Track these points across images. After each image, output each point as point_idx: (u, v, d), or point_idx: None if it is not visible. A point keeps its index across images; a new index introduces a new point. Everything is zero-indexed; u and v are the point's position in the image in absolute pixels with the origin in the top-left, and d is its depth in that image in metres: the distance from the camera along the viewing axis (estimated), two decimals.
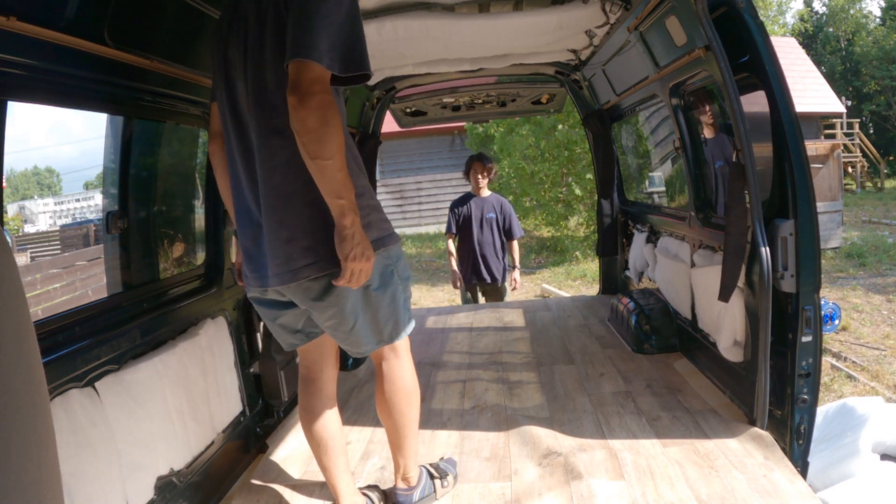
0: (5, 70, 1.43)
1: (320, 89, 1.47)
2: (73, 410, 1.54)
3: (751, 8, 2.23)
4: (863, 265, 9.36)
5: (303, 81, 1.47)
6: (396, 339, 1.87)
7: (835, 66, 30.43)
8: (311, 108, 1.46)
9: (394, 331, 1.86)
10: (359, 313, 1.77)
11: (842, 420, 3.34)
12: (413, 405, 1.96)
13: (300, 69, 1.48)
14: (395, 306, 1.83)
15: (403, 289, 1.86)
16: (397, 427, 1.95)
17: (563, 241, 12.29)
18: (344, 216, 1.55)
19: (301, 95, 1.46)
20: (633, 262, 4.28)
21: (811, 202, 2.16)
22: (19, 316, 0.65)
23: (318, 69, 1.48)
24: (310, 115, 1.46)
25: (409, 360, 1.96)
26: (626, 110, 4.32)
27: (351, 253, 1.56)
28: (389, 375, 1.92)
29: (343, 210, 1.54)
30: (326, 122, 1.47)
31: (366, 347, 1.85)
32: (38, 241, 19.76)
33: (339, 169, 1.51)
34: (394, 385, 1.92)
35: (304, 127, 1.47)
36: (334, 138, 1.49)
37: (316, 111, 1.46)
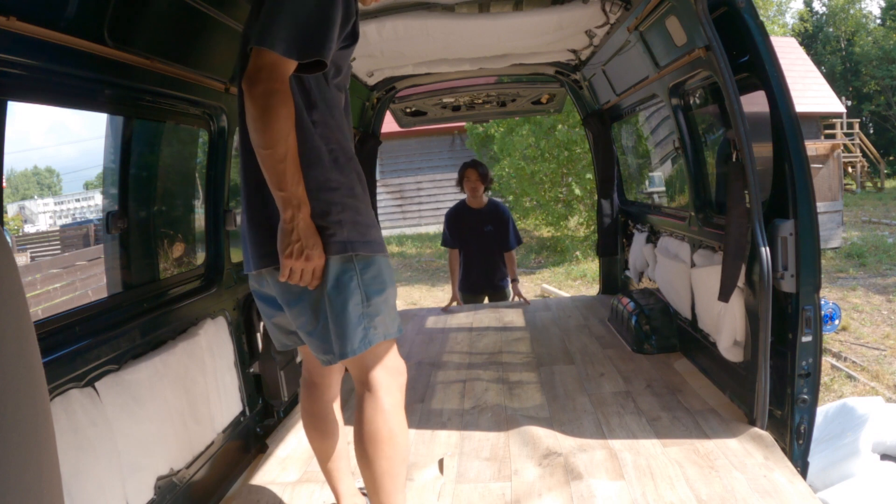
0: (5, 70, 1.43)
1: (266, 77, 1.44)
2: (73, 410, 1.54)
3: (751, 8, 2.23)
4: (863, 265, 9.36)
5: (252, 68, 1.45)
6: (345, 357, 1.61)
7: (835, 66, 30.44)
8: (253, 97, 1.44)
9: (341, 346, 1.60)
10: (318, 316, 1.61)
11: (842, 420, 3.34)
12: (386, 456, 1.64)
13: (254, 56, 1.46)
14: (344, 319, 1.59)
15: (363, 302, 1.60)
16: (370, 480, 1.67)
17: (563, 241, 12.30)
18: (284, 209, 1.50)
19: (248, 83, 1.45)
20: (633, 262, 4.28)
21: (811, 202, 2.16)
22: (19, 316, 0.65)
23: (269, 57, 1.45)
24: (252, 103, 1.45)
25: (388, 401, 1.65)
26: (626, 110, 4.32)
27: (288, 249, 1.50)
28: (359, 416, 1.66)
29: (283, 202, 1.49)
30: (268, 110, 1.44)
31: (323, 357, 1.65)
32: (38, 241, 19.76)
33: (279, 160, 1.46)
34: (362, 429, 1.64)
35: (249, 115, 1.47)
36: (276, 127, 1.45)
37: (259, 100, 1.44)
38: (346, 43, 1.63)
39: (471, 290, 5.06)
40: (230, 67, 2.43)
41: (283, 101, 1.46)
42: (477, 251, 4.87)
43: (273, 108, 1.44)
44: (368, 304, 1.61)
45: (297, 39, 1.47)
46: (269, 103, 1.44)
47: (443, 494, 2.13)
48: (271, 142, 1.45)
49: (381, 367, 1.67)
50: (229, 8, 2.25)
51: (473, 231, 4.81)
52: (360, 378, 1.69)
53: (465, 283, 5.03)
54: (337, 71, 1.65)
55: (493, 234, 4.81)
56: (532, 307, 4.83)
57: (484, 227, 4.80)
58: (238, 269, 2.67)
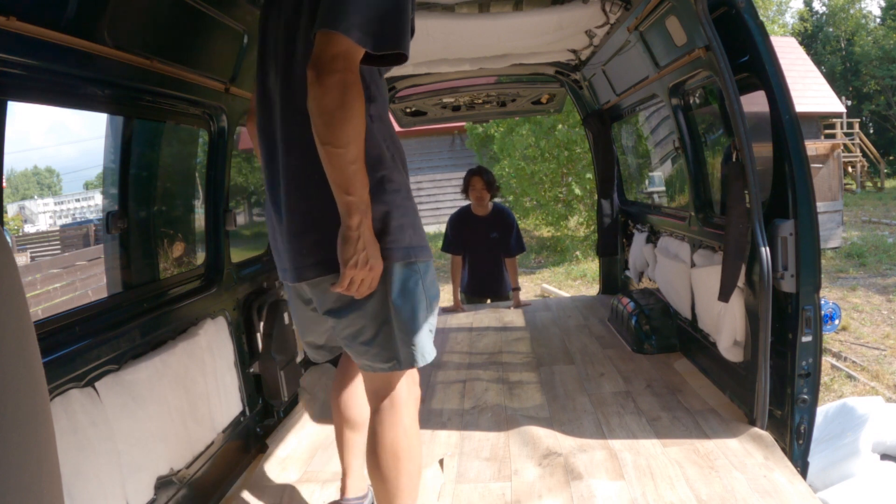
0: (5, 70, 1.43)
1: (343, 66, 1.30)
2: (73, 410, 1.54)
3: (751, 8, 2.23)
4: (863, 265, 9.36)
5: (324, 55, 1.31)
6: (413, 365, 1.58)
7: (835, 66, 30.43)
8: (327, 87, 1.30)
9: (409, 354, 1.56)
10: (380, 324, 1.53)
11: (842, 420, 3.34)
12: (406, 473, 1.60)
13: (324, 41, 1.31)
14: (416, 324, 1.56)
15: (428, 308, 1.58)
16: (385, 495, 1.62)
17: (563, 241, 12.30)
18: (350, 215, 1.37)
19: (319, 71, 1.30)
20: (633, 262, 4.28)
21: (811, 202, 2.16)
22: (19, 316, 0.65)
23: (344, 43, 1.31)
24: (326, 94, 1.30)
25: (407, 415, 1.62)
26: (625, 110, 4.32)
27: (353, 258, 1.38)
28: (376, 430, 1.61)
29: (350, 208, 1.37)
30: (344, 104, 1.31)
31: (379, 366, 1.58)
32: (38, 241, 19.76)
33: (351, 160, 1.34)
34: (379, 443, 1.60)
35: (317, 107, 1.32)
36: (351, 124, 1.32)
37: (333, 91, 1.30)
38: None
39: (475, 293, 5.05)
40: (230, 67, 2.43)
41: (359, 96, 1.34)
42: (482, 258, 4.81)
43: (349, 102, 1.31)
44: (430, 308, 1.58)
45: (374, 27, 1.33)
46: (346, 97, 1.31)
47: (443, 494, 2.13)
48: (345, 140, 1.33)
49: (404, 380, 1.62)
50: (229, 8, 2.25)
51: (479, 238, 4.71)
52: (382, 390, 1.61)
53: (469, 287, 5.00)
54: None
55: (498, 240, 4.72)
56: (532, 307, 4.83)
57: (490, 235, 4.72)
58: (238, 269, 2.67)
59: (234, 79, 2.45)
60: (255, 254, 3.12)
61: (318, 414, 2.91)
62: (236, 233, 2.71)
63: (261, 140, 1.64)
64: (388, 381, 1.61)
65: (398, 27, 1.37)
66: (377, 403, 1.63)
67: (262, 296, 2.77)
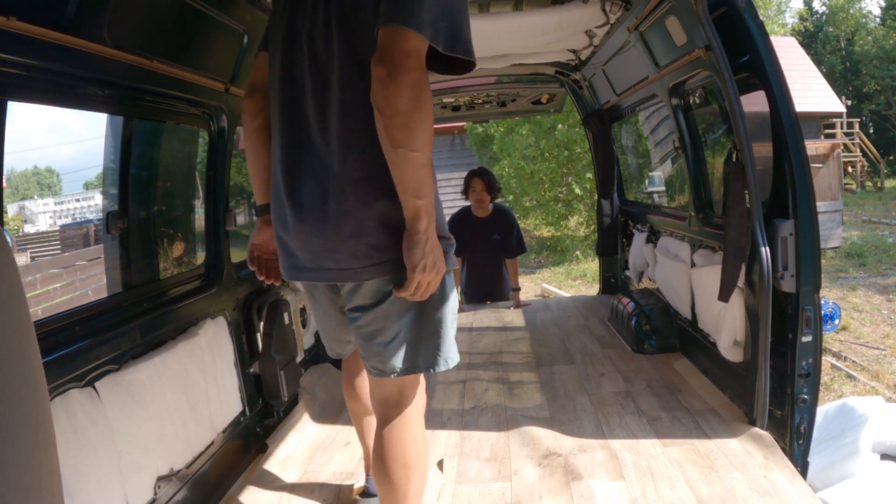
0: (5, 70, 1.43)
1: (416, 65, 1.24)
2: (73, 410, 1.54)
3: (751, 8, 2.24)
4: (863, 265, 9.36)
5: (396, 52, 1.24)
6: (434, 369, 1.55)
7: (835, 66, 30.44)
8: (402, 87, 1.23)
9: (431, 358, 1.54)
10: (404, 326, 1.50)
11: (842, 420, 3.34)
12: (415, 480, 1.59)
13: (394, 37, 1.25)
14: (444, 330, 1.54)
15: (453, 313, 1.57)
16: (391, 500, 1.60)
17: (563, 240, 12.31)
18: (419, 219, 1.33)
19: (392, 69, 1.23)
20: (633, 262, 4.28)
21: (811, 202, 2.16)
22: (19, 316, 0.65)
23: (416, 40, 1.24)
24: (401, 94, 1.23)
25: (417, 424, 1.61)
26: (626, 110, 4.32)
27: (421, 262, 1.34)
28: (386, 440, 1.57)
29: (419, 212, 1.33)
30: (419, 105, 1.25)
31: (396, 367, 1.53)
32: (38, 241, 19.77)
33: (423, 163, 1.30)
34: (390, 453, 1.56)
35: (391, 108, 1.25)
36: (425, 126, 1.27)
37: (408, 90, 1.23)
38: None
39: (474, 296, 5.04)
40: (230, 67, 2.43)
41: (430, 96, 1.28)
42: (483, 260, 4.79)
43: (424, 103, 1.26)
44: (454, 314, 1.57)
45: (444, 28, 1.27)
46: (421, 98, 1.25)
47: (443, 494, 2.13)
48: (421, 143, 1.28)
49: (414, 388, 1.60)
50: (229, 8, 2.25)
51: (480, 240, 4.68)
52: (393, 398, 1.58)
53: (469, 290, 4.98)
54: None
55: (499, 242, 4.70)
56: (532, 307, 4.82)
57: (491, 236, 4.69)
58: (238, 269, 2.67)
59: (234, 79, 2.45)
60: None
61: (318, 414, 2.91)
62: (236, 233, 2.71)
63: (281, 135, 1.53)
64: (399, 389, 1.58)
65: (468, 31, 1.32)
66: (386, 412, 1.59)
67: (262, 296, 2.77)
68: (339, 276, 1.48)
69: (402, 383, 1.57)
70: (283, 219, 1.54)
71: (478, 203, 4.64)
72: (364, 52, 1.36)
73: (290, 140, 1.50)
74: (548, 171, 11.64)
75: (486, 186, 4.58)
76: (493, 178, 4.71)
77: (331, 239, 1.44)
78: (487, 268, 4.87)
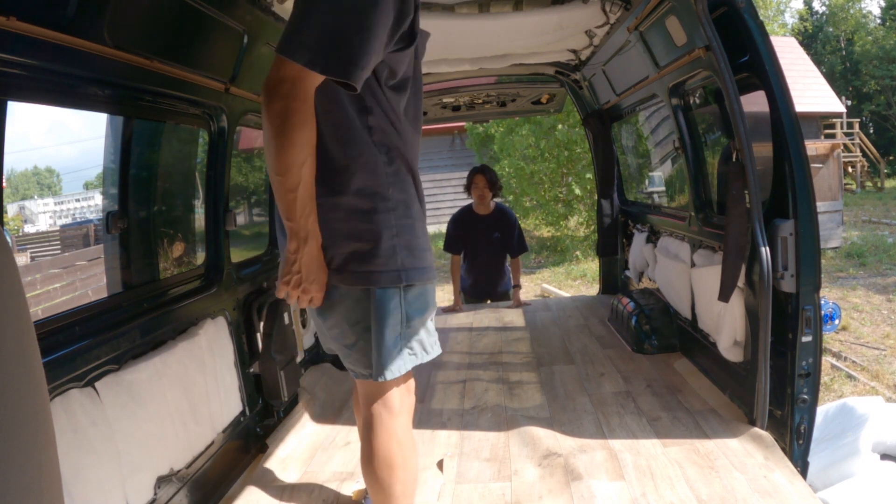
0: (5, 70, 1.43)
1: (286, 93, 1.28)
2: (73, 410, 1.54)
3: (751, 8, 2.24)
4: (863, 265, 9.36)
5: (272, 79, 1.30)
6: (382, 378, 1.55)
7: (835, 66, 30.43)
8: (270, 113, 1.30)
9: (378, 367, 1.54)
10: (360, 332, 1.55)
11: (842, 420, 3.34)
12: (400, 481, 1.60)
13: (275, 64, 1.31)
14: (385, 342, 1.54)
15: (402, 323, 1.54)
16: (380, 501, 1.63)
17: (563, 241, 12.30)
18: (289, 240, 1.41)
19: (265, 95, 1.30)
20: (633, 262, 4.28)
21: (811, 202, 2.16)
22: (19, 316, 0.65)
23: (290, 68, 1.28)
24: (268, 120, 1.30)
25: (400, 425, 1.61)
26: (626, 110, 4.32)
27: (286, 277, 1.44)
28: (370, 440, 1.59)
29: (289, 233, 1.40)
30: (284, 132, 1.29)
31: (362, 370, 1.59)
32: (38, 241, 19.77)
33: (290, 188, 1.34)
34: (374, 454, 1.59)
35: (264, 133, 1.32)
36: (291, 152, 1.31)
37: (275, 118, 1.29)
38: (401, 45, 1.44)
39: (474, 294, 5.04)
40: (230, 67, 2.43)
41: (302, 123, 1.31)
42: (484, 258, 4.82)
43: (289, 130, 1.30)
44: (408, 326, 1.54)
45: (325, 49, 1.28)
46: (285, 125, 1.30)
47: (443, 494, 2.13)
48: (283, 168, 1.32)
49: (396, 388, 1.61)
50: (229, 8, 2.25)
51: (481, 238, 4.72)
52: (374, 397, 1.60)
53: (469, 288, 4.99)
54: (391, 74, 1.47)
55: (500, 240, 4.74)
56: (532, 307, 4.82)
57: (492, 234, 4.73)
58: (238, 269, 2.67)
59: (234, 79, 2.45)
60: (255, 254, 3.13)
61: (318, 414, 2.91)
62: (236, 233, 2.71)
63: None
64: (378, 389, 1.59)
65: (354, 50, 1.30)
66: (368, 410, 1.61)
67: (262, 296, 2.77)
68: None
69: (380, 384, 1.59)
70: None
71: (480, 200, 4.69)
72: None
73: None
74: (548, 171, 11.64)
75: (489, 183, 4.64)
76: (495, 175, 4.77)
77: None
78: (488, 266, 4.88)
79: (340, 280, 1.50)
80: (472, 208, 4.79)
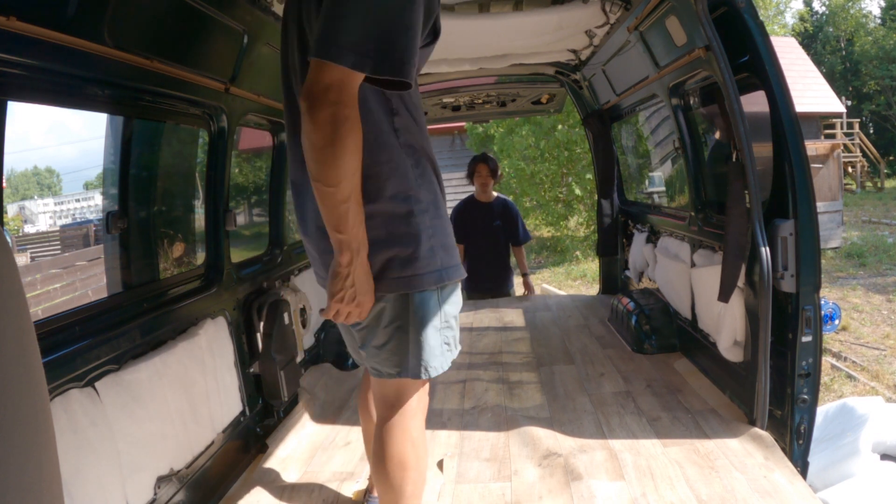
0: (5, 70, 1.43)
1: (335, 99, 1.22)
2: (73, 410, 1.54)
3: (751, 8, 2.24)
4: (863, 265, 9.36)
5: (315, 85, 1.22)
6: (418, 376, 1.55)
7: (835, 66, 30.44)
8: (318, 122, 1.22)
9: (415, 366, 1.54)
10: (392, 333, 1.51)
11: (842, 420, 3.34)
12: (412, 481, 1.59)
13: (315, 70, 1.23)
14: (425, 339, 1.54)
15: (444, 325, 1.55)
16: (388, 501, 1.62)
17: (563, 241, 12.31)
18: (341, 252, 1.34)
19: (311, 104, 1.22)
20: (633, 262, 4.28)
21: (811, 202, 2.16)
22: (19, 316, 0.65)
23: (337, 73, 1.22)
24: (316, 130, 1.23)
25: (416, 427, 1.61)
26: (626, 110, 4.32)
27: (339, 294, 1.37)
28: (384, 440, 1.57)
29: (340, 246, 1.33)
30: (335, 141, 1.23)
31: (390, 370, 1.56)
32: (38, 241, 19.78)
33: (342, 199, 1.28)
34: (387, 453, 1.57)
35: (308, 142, 1.25)
36: (343, 161, 1.24)
37: (325, 127, 1.22)
38: (428, 41, 1.41)
39: (475, 290, 5.05)
40: (230, 67, 2.43)
41: (353, 130, 1.25)
42: (485, 247, 4.89)
43: (342, 139, 1.23)
44: (445, 323, 1.54)
45: (371, 49, 1.23)
46: (337, 133, 1.22)
47: (443, 494, 2.13)
48: (336, 179, 1.26)
49: (417, 389, 1.60)
50: (229, 8, 2.25)
51: (482, 226, 4.84)
52: (393, 397, 1.58)
53: (472, 283, 4.99)
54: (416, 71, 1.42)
55: (501, 228, 4.87)
56: (532, 307, 4.83)
57: (493, 223, 4.86)
58: (238, 269, 2.67)
59: (234, 79, 2.45)
60: (255, 254, 3.12)
61: (318, 414, 2.91)
62: (236, 233, 2.71)
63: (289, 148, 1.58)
64: (399, 389, 1.58)
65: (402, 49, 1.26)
66: (385, 411, 1.60)
67: (262, 296, 2.77)
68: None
69: (399, 384, 1.58)
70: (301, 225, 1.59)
71: (482, 188, 4.86)
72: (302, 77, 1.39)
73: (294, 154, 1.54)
74: (548, 171, 11.65)
75: (491, 172, 4.83)
76: (496, 163, 4.95)
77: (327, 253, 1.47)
78: (489, 256, 4.92)
79: (383, 288, 1.45)
80: (475, 196, 4.96)
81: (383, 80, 1.28)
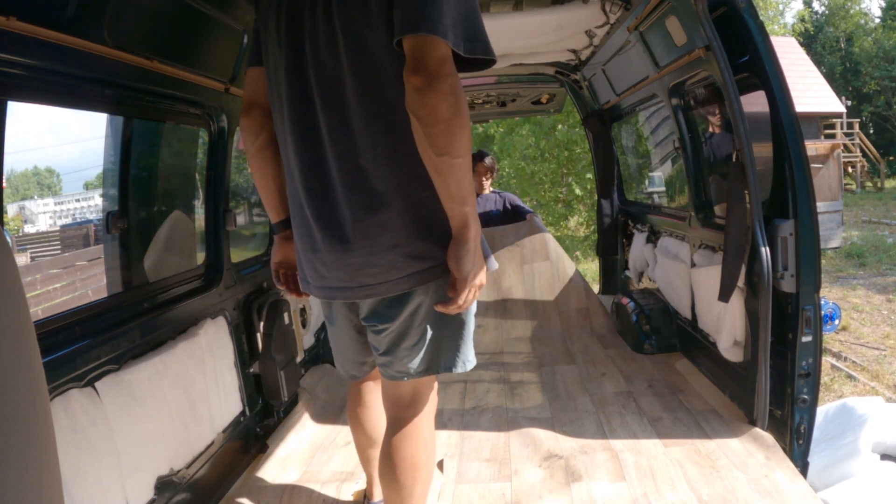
0: (5, 70, 1.43)
1: (451, 70, 1.24)
2: (73, 410, 1.54)
3: (751, 8, 2.24)
4: (863, 265, 9.36)
5: (430, 60, 1.23)
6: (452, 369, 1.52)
7: (835, 66, 30.44)
8: (442, 94, 1.22)
9: (451, 359, 1.52)
10: (429, 328, 1.47)
11: (842, 420, 3.34)
12: (422, 482, 1.58)
13: (424, 46, 1.24)
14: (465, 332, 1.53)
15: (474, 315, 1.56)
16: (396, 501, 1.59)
17: (564, 241, 12.30)
18: (467, 226, 1.31)
19: (429, 77, 1.22)
20: (633, 262, 4.28)
21: (811, 202, 2.16)
22: (19, 316, 0.65)
23: (444, 46, 1.24)
24: (441, 101, 1.22)
25: (428, 428, 1.59)
26: (626, 110, 4.32)
27: (472, 271, 1.32)
28: (396, 441, 1.55)
29: (466, 219, 1.31)
30: (459, 111, 1.25)
31: (419, 367, 1.51)
32: (38, 241, 19.77)
33: (466, 170, 1.29)
34: (399, 454, 1.55)
35: (432, 116, 1.24)
36: (466, 132, 1.27)
37: (448, 97, 1.23)
38: None
39: None
40: (230, 67, 2.43)
41: (466, 101, 1.28)
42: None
43: (463, 107, 1.25)
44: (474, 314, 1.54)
45: (462, 29, 1.28)
46: (459, 102, 1.24)
47: (443, 495, 2.13)
48: (464, 148, 1.27)
49: (431, 389, 1.59)
50: (229, 8, 2.25)
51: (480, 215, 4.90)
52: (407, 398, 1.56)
53: None
54: None
55: (499, 215, 4.97)
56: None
57: (491, 211, 4.97)
58: (238, 269, 2.67)
59: (234, 79, 2.45)
60: (255, 254, 3.12)
61: (318, 414, 2.91)
62: (236, 233, 2.71)
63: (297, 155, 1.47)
64: (415, 389, 1.56)
65: (483, 30, 1.32)
66: (400, 412, 1.57)
67: (262, 296, 2.76)
68: (378, 290, 1.44)
69: (417, 384, 1.56)
70: (310, 240, 1.50)
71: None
72: (377, 60, 1.34)
73: (307, 159, 1.46)
74: (548, 171, 11.66)
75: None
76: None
77: (367, 254, 1.41)
78: None
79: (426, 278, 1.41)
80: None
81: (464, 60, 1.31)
